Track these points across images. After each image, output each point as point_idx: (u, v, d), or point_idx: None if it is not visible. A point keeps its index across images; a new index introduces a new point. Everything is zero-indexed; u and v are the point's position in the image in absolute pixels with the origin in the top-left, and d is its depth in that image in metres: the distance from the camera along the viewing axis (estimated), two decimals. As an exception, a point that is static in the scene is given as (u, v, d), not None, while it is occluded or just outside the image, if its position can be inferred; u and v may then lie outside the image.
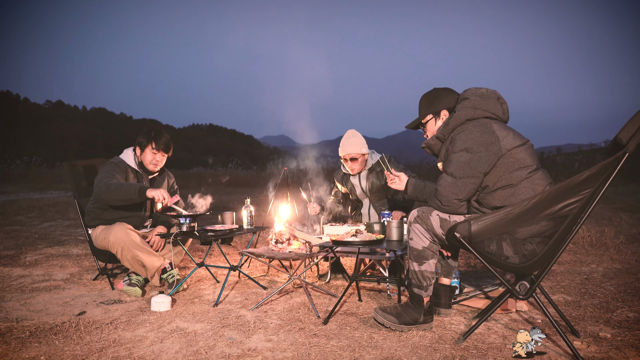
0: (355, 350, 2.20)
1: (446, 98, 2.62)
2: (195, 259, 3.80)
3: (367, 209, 3.93)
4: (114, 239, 3.21)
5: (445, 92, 2.64)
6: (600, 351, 2.16)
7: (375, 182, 3.82)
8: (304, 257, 2.96)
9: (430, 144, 2.59)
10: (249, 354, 2.16)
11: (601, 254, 4.36)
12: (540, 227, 2.21)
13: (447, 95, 2.63)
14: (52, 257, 4.43)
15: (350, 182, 3.95)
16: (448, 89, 2.67)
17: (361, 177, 3.89)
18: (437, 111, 2.63)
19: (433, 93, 2.67)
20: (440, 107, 2.62)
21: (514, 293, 2.30)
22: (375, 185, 3.83)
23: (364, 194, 3.91)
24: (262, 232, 5.26)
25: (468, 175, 2.33)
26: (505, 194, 2.31)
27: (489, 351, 2.18)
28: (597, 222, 6.23)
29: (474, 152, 2.32)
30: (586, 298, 3.03)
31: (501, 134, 2.34)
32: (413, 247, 2.48)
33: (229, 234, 3.22)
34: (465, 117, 2.43)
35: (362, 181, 3.88)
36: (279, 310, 2.83)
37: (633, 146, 1.99)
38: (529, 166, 2.32)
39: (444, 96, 2.63)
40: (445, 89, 2.66)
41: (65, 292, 3.29)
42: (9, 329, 2.50)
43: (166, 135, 3.51)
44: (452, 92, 2.65)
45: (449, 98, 2.62)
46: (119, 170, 3.36)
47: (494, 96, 2.48)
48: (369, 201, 3.91)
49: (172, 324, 2.59)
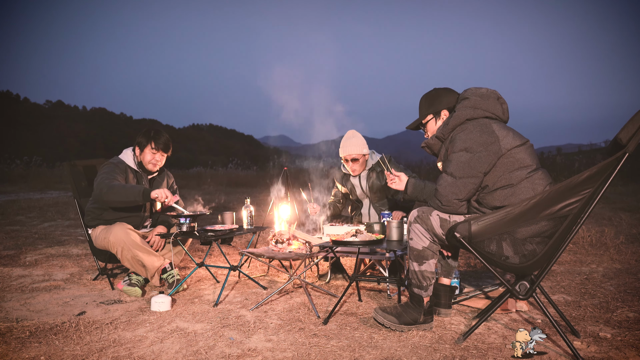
0: (355, 350, 2.20)
1: (446, 98, 2.62)
2: (195, 259, 3.80)
3: (367, 209, 3.93)
4: (114, 239, 3.21)
5: (445, 92, 2.65)
6: (600, 351, 2.16)
7: (375, 182, 3.82)
8: (304, 257, 2.96)
9: (430, 143, 2.59)
10: (249, 354, 2.16)
11: (601, 254, 4.36)
12: (540, 227, 2.21)
13: (447, 95, 2.63)
14: (52, 257, 4.43)
15: (350, 182, 3.94)
16: (448, 89, 2.67)
17: (361, 177, 3.89)
18: (437, 111, 2.64)
19: (433, 93, 2.68)
20: (440, 107, 2.63)
21: (514, 293, 2.30)
22: (375, 185, 3.82)
23: (364, 194, 3.91)
24: (262, 232, 5.26)
25: (468, 175, 2.33)
26: (505, 193, 2.31)
27: (489, 351, 2.18)
28: (597, 222, 6.23)
29: (473, 152, 2.32)
30: (586, 298, 3.03)
31: (501, 134, 2.34)
32: (413, 247, 2.48)
33: (229, 234, 3.22)
34: (465, 117, 2.43)
35: (362, 181, 3.88)
36: (279, 310, 2.83)
37: (633, 146, 1.99)
38: (529, 166, 2.32)
39: (444, 96, 2.63)
40: (445, 89, 2.67)
41: (65, 292, 3.29)
42: (9, 329, 2.50)
43: (165, 135, 3.51)
44: (452, 92, 2.65)
45: (449, 98, 2.62)
46: (119, 171, 3.35)
47: (494, 96, 2.48)
48: (369, 201, 3.91)
49: (172, 324, 2.59)
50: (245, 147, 68.06)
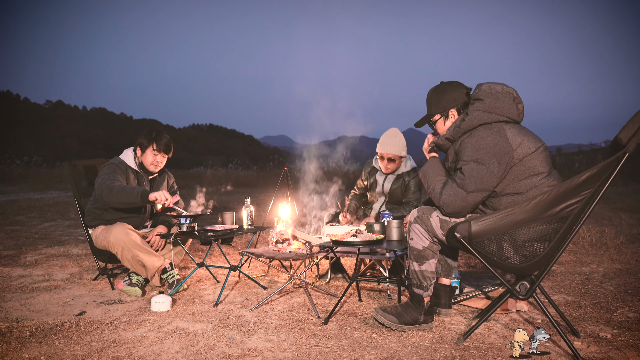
0: (355, 350, 2.20)
1: (453, 95, 2.50)
2: (196, 259, 3.80)
3: (380, 206, 3.93)
4: (114, 239, 3.21)
5: (452, 88, 2.52)
6: (600, 351, 2.16)
7: (398, 190, 3.82)
8: (304, 257, 2.96)
9: (440, 144, 2.52)
10: (249, 354, 2.16)
11: (601, 254, 4.36)
12: (540, 228, 2.21)
13: (454, 91, 2.51)
14: (52, 257, 4.43)
15: (375, 178, 3.94)
16: (456, 83, 2.54)
17: (387, 179, 3.89)
18: (444, 111, 2.52)
19: (440, 90, 2.55)
20: (448, 106, 2.51)
21: (514, 293, 2.30)
22: (396, 193, 3.84)
23: (382, 194, 3.92)
24: (262, 232, 5.26)
25: (479, 189, 2.27)
26: (512, 200, 2.28)
27: (489, 351, 2.18)
28: (597, 222, 6.23)
29: (485, 164, 2.25)
30: (586, 298, 3.03)
31: (515, 142, 2.26)
32: (413, 247, 2.48)
33: (229, 234, 3.22)
34: (478, 122, 2.33)
35: (386, 182, 3.88)
36: (279, 310, 2.83)
37: (633, 146, 1.98)
38: (540, 173, 2.27)
39: (451, 93, 2.51)
40: (453, 84, 2.54)
41: (65, 292, 3.29)
42: (9, 329, 2.50)
43: (167, 136, 3.51)
44: (460, 87, 2.52)
45: (457, 94, 2.50)
46: (120, 171, 3.35)
47: (510, 96, 2.36)
48: (384, 200, 3.93)
49: (172, 324, 2.59)
50: (245, 147, 68.06)
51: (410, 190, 3.81)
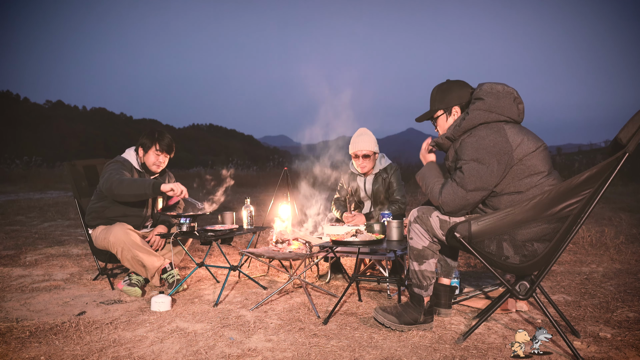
0: (355, 350, 2.20)
1: (458, 93, 2.51)
2: (195, 259, 3.80)
3: (369, 209, 3.94)
4: (114, 239, 3.21)
5: (458, 86, 2.53)
6: (600, 351, 2.16)
7: (380, 188, 3.83)
8: (304, 257, 2.96)
9: (440, 143, 2.52)
10: (249, 354, 2.16)
11: (601, 254, 4.36)
12: (540, 227, 2.21)
13: (459, 89, 2.52)
14: (52, 257, 4.43)
15: (356, 183, 3.95)
16: (461, 82, 2.56)
17: (367, 181, 3.90)
18: (448, 107, 2.53)
19: (445, 87, 2.56)
20: (451, 103, 2.52)
21: (514, 293, 2.30)
22: (379, 192, 3.84)
23: (367, 197, 3.93)
24: (262, 232, 5.27)
25: (479, 188, 2.27)
26: (512, 199, 2.28)
27: (489, 351, 2.18)
28: (597, 222, 6.23)
29: (485, 164, 2.25)
30: (586, 298, 3.03)
31: (515, 142, 2.26)
32: (413, 246, 2.48)
33: (229, 234, 3.22)
34: (478, 121, 2.34)
35: (367, 185, 3.89)
36: (279, 310, 2.83)
37: (633, 146, 1.98)
38: (541, 172, 2.27)
39: (456, 91, 2.52)
40: (458, 83, 2.55)
41: (65, 292, 3.29)
42: (9, 329, 2.50)
43: (169, 136, 3.51)
44: (466, 86, 2.54)
45: (461, 93, 2.51)
46: (125, 169, 3.36)
47: (510, 96, 2.37)
48: (371, 203, 3.93)
49: (172, 324, 2.59)
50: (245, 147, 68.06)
51: (393, 188, 3.82)
